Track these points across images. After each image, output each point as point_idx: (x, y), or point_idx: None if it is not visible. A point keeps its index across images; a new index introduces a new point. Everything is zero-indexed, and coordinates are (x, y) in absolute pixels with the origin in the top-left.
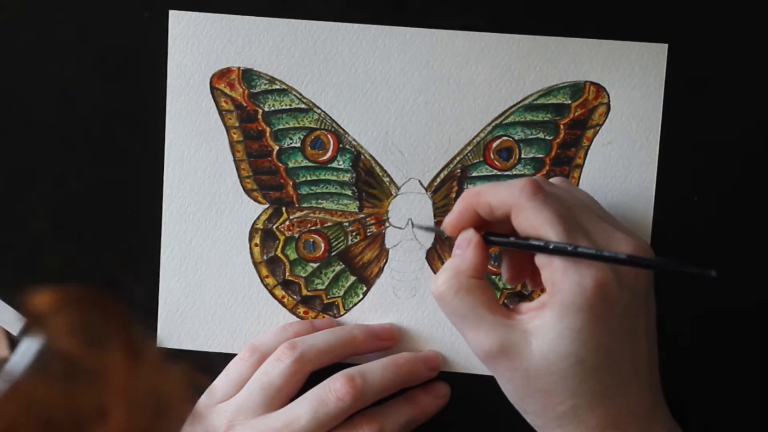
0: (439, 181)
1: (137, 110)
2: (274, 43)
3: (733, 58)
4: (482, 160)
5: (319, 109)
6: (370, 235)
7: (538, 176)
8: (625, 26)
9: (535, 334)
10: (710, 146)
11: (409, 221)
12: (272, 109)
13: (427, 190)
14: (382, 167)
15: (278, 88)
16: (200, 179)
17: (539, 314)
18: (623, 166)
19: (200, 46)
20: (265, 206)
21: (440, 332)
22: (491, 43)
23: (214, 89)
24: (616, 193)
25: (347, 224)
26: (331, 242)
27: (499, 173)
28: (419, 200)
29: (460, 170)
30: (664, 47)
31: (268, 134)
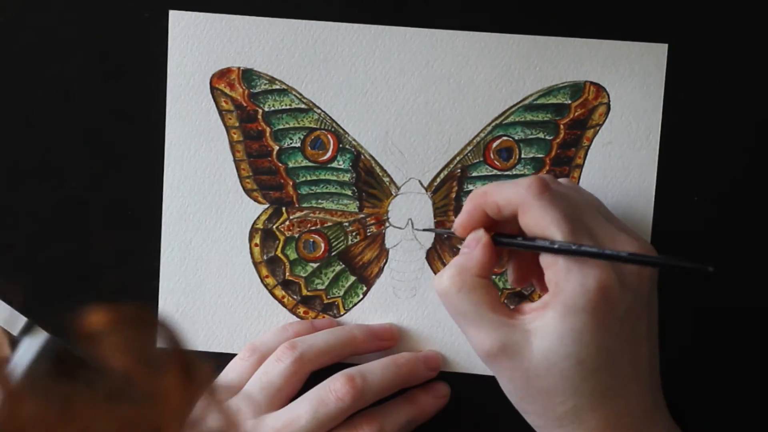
0: (439, 181)
1: (137, 110)
2: (274, 43)
3: (733, 57)
4: (482, 160)
5: (319, 109)
6: (370, 235)
7: (544, 174)
8: (625, 26)
9: (536, 334)
10: (710, 146)
11: (409, 221)
12: (272, 109)
13: (427, 190)
14: (382, 167)
15: (278, 88)
16: (200, 179)
17: (541, 314)
18: (623, 166)
19: (200, 46)
20: (265, 206)
21: (440, 332)
22: (491, 43)
23: (214, 89)
24: (616, 193)
25: (347, 224)
26: (331, 242)
27: (499, 173)
28: (419, 200)
29: (460, 170)
30: (664, 47)
31: (268, 134)
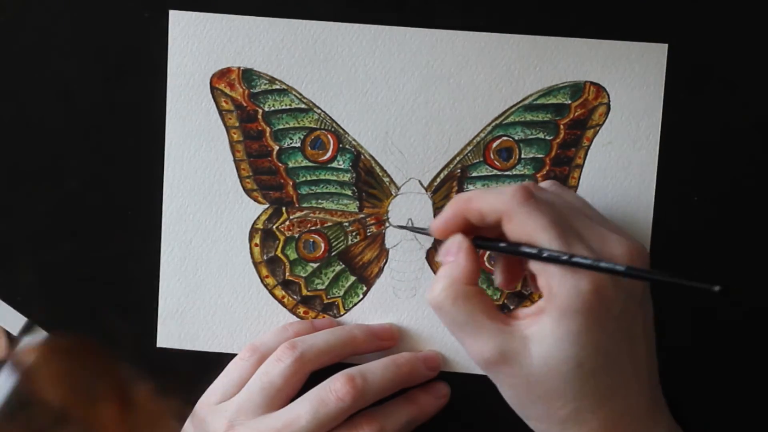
0: (439, 181)
1: (137, 110)
2: (274, 43)
3: (733, 57)
4: (482, 160)
5: (319, 109)
6: (370, 235)
7: (528, 182)
8: (625, 26)
9: (533, 339)
10: (710, 146)
11: (409, 221)
12: (272, 109)
13: (427, 190)
14: (382, 167)
15: (278, 88)
16: (200, 179)
17: (537, 320)
18: (623, 166)
19: (200, 46)
20: (265, 206)
21: (440, 332)
22: (491, 43)
23: (214, 89)
24: (616, 193)
25: (347, 224)
26: (331, 242)
27: (499, 173)
28: (419, 200)
29: (460, 170)
30: (664, 47)
31: (268, 134)
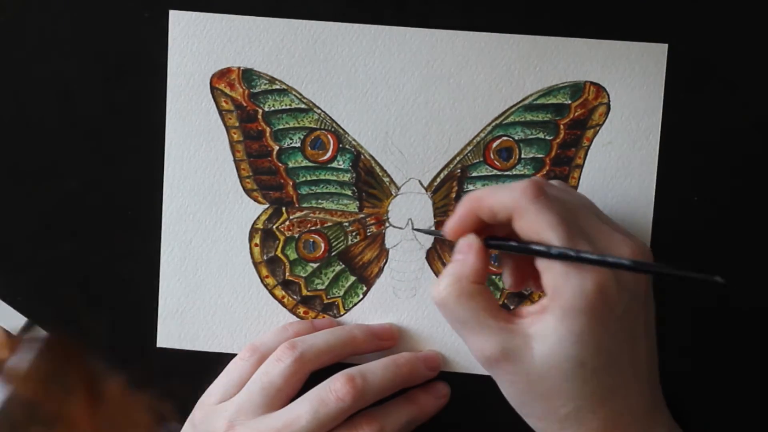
0: (439, 181)
1: (137, 110)
2: (274, 43)
3: (733, 57)
4: (482, 160)
5: (319, 109)
6: (370, 235)
7: (538, 177)
8: (625, 26)
9: (536, 338)
10: (710, 146)
11: (409, 221)
12: (272, 109)
13: (427, 190)
14: (382, 167)
15: (278, 88)
16: (200, 179)
17: (540, 318)
18: (623, 166)
19: (200, 46)
20: (265, 206)
21: (440, 332)
22: (491, 43)
23: (214, 89)
24: (616, 193)
25: (347, 224)
26: (331, 242)
27: (499, 173)
28: (419, 200)
29: (460, 170)
30: (664, 47)
31: (268, 134)
